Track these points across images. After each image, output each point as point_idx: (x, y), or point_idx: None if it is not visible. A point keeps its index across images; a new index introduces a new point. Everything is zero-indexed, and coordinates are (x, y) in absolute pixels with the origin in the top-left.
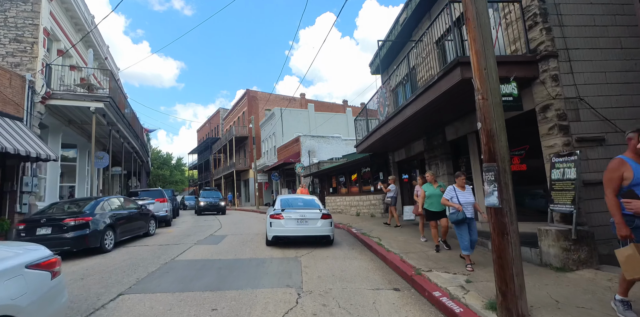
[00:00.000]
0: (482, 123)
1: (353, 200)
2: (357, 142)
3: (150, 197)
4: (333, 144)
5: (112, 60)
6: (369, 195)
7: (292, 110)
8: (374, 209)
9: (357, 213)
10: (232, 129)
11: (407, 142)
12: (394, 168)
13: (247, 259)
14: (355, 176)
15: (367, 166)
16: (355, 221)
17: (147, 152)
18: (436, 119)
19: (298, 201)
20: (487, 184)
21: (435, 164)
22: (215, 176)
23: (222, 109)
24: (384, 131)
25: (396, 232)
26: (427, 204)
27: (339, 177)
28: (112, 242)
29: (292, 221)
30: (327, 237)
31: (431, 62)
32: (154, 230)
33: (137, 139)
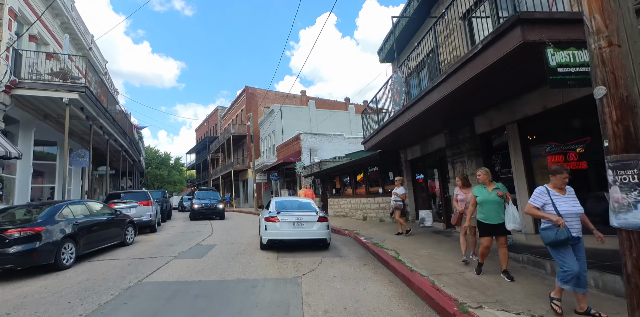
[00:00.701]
0: (611, 87)
1: (359, 203)
2: (365, 138)
3: (135, 200)
4: (335, 143)
5: (97, 52)
6: (377, 197)
7: (292, 107)
8: (383, 213)
9: (363, 217)
10: (230, 127)
11: (424, 137)
12: (406, 167)
13: (234, 280)
14: (362, 176)
15: (374, 165)
16: (362, 226)
17: (139, 150)
18: (464, 108)
19: (293, 203)
20: (621, 190)
21: (460, 162)
22: (213, 176)
23: (220, 107)
24: (400, 123)
25: (415, 242)
26: (482, 215)
27: (343, 178)
28: (73, 256)
29: (288, 224)
30: (324, 241)
31: (456, 41)
32: (132, 238)
33: (125, 136)
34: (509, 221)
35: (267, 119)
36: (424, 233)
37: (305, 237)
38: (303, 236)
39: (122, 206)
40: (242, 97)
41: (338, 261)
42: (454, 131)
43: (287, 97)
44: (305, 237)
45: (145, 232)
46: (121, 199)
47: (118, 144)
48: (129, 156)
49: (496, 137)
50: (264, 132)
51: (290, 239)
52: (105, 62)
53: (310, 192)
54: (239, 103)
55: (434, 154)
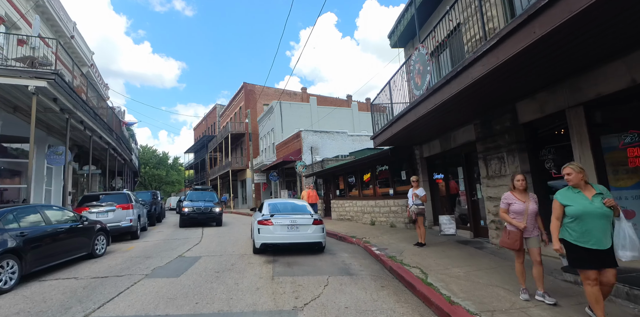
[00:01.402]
0: None
1: (366, 205)
2: (375, 132)
3: (114, 202)
4: (338, 141)
5: (82, 41)
6: (387, 199)
7: (293, 103)
8: (394, 218)
9: (371, 222)
10: (228, 126)
11: (446, 130)
12: (421, 165)
13: (213, 314)
14: (369, 176)
15: (384, 163)
16: (371, 233)
17: (130, 149)
18: (508, 89)
19: (287, 205)
20: None
21: (497, 158)
22: (210, 176)
23: (218, 105)
24: (421, 111)
25: (442, 256)
26: (576, 234)
27: (348, 178)
28: (16, 276)
29: (282, 227)
30: (319, 244)
31: (492, 10)
32: (103, 249)
33: (112, 133)
34: (625, 246)
35: (266, 116)
36: (447, 243)
37: (300, 240)
38: (298, 239)
39: (97, 209)
40: (240, 94)
41: (348, 282)
42: (487, 121)
43: (287, 94)
44: (300, 241)
45: (126, 239)
46: (99, 201)
47: (104, 141)
48: (118, 155)
49: (549, 126)
50: (262, 130)
51: (284, 243)
52: (92, 54)
53: (313, 194)
54: (237, 100)
55: (458, 150)
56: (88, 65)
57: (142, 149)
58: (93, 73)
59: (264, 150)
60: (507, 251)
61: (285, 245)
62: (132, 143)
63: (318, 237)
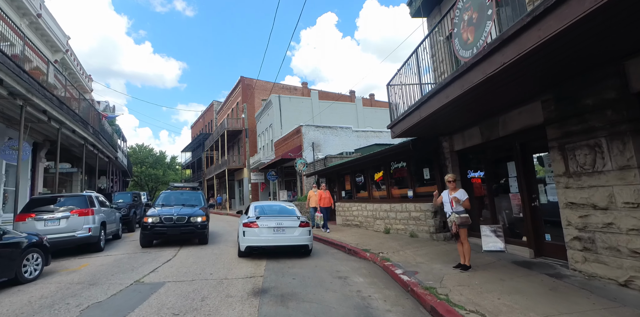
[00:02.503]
0: None
1: (379, 209)
2: (393, 120)
3: (72, 207)
4: (342, 137)
5: (52, 22)
6: (405, 203)
7: (293, 98)
8: (415, 226)
9: (386, 229)
10: (225, 122)
11: (490, 114)
12: (451, 161)
13: None
14: (381, 175)
15: (401, 158)
16: (389, 245)
17: (115, 145)
18: (615, 39)
19: (274, 208)
20: None
21: (587, 147)
22: (207, 175)
23: (215, 102)
24: (475, 79)
25: (507, 291)
26: None
27: (356, 177)
28: None
29: (268, 230)
30: (305, 247)
31: None
32: (36, 271)
33: (87, 127)
34: None
35: (264, 112)
36: (501, 266)
37: (286, 243)
38: (283, 242)
39: (47, 216)
40: (237, 89)
41: None
42: (568, 94)
43: (287, 89)
44: (286, 244)
45: (86, 252)
46: (58, 204)
47: (79, 136)
48: (100, 152)
49: None
50: (260, 127)
51: (270, 246)
52: (67, 38)
53: (327, 195)
54: (235, 96)
55: (510, 139)
56: (62, 50)
57: (138, 148)
58: (70, 60)
59: (262, 148)
60: (607, 284)
61: (271, 248)
62: (119, 139)
63: (304, 239)
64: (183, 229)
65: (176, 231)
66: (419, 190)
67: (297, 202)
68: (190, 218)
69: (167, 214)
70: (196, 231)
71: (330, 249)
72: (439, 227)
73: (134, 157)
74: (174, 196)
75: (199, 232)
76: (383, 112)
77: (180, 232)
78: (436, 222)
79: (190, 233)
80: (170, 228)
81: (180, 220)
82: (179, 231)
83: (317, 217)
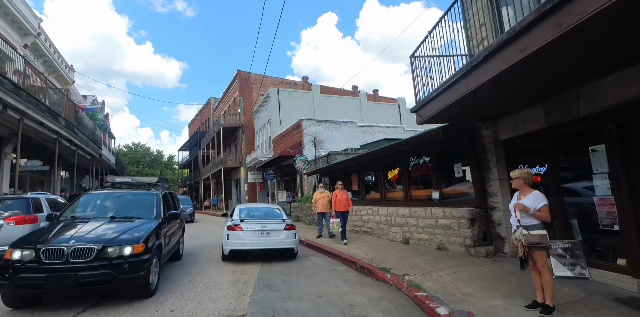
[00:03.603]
0: None
1: (395, 214)
2: (421, 101)
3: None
4: (346, 132)
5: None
6: (430, 207)
7: (292, 91)
8: (444, 236)
9: (404, 239)
10: (221, 119)
11: (567, 83)
12: (494, 153)
13: None
14: (397, 173)
15: (424, 152)
16: (413, 261)
17: (97, 141)
18: None
19: (259, 210)
20: None
21: None
22: (203, 175)
23: (213, 99)
24: (578, 14)
25: None
26: None
27: (365, 175)
28: None
29: (252, 233)
30: (291, 250)
31: None
32: None
33: (57, 118)
34: None
35: (262, 107)
36: (597, 304)
37: (271, 246)
38: (268, 245)
39: None
40: (234, 83)
41: None
42: None
43: (286, 84)
44: (271, 247)
45: None
46: None
47: (49, 129)
48: (79, 148)
49: None
50: (258, 123)
51: (254, 249)
52: (39, 21)
53: (344, 197)
54: (232, 91)
55: (595, 120)
56: (33, 34)
57: (134, 147)
58: (45, 46)
59: (259, 145)
60: None
61: (255, 251)
62: (105, 135)
63: (290, 242)
64: (84, 276)
65: (67, 281)
66: (446, 191)
67: (297, 203)
68: (106, 249)
69: (55, 244)
70: (115, 277)
71: (337, 264)
72: (478, 239)
73: (129, 157)
74: (104, 201)
75: (122, 279)
76: (389, 107)
77: (77, 283)
78: (474, 233)
79: (100, 283)
80: (54, 275)
81: (79, 255)
82: (72, 280)
83: (333, 224)
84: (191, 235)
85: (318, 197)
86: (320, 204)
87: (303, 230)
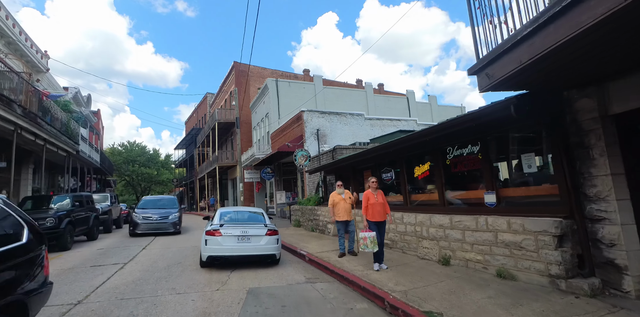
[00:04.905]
0: None
1: (427, 223)
2: (490, 53)
3: None
4: (352, 125)
5: None
6: (484, 214)
7: (293, 83)
8: (512, 259)
9: (443, 258)
10: (216, 113)
11: None
12: (601, 137)
13: None
14: (427, 168)
15: (472, 137)
16: (468, 297)
17: (73, 136)
18: None
19: (242, 214)
20: None
21: None
22: (199, 174)
23: (209, 94)
24: None
25: None
26: None
27: (382, 172)
28: None
29: (232, 238)
30: (273, 257)
31: None
32: None
33: (10, 105)
34: None
35: (259, 100)
36: None
37: (251, 253)
38: (248, 251)
39: None
40: (230, 76)
41: None
42: None
43: (286, 76)
44: (251, 253)
45: None
46: None
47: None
48: (48, 143)
49: None
50: (256, 118)
51: (233, 256)
52: None
53: (381, 199)
54: (228, 85)
55: None
56: None
57: (129, 145)
58: (7, 26)
59: (257, 142)
60: None
61: (235, 258)
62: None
63: (271, 248)
64: None
65: None
66: (508, 193)
67: (298, 206)
68: None
69: None
70: None
71: (355, 298)
72: (571, 267)
73: (124, 155)
74: None
75: None
76: (397, 100)
77: None
78: (564, 257)
79: None
80: None
81: None
82: None
83: (365, 241)
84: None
85: (337, 200)
86: (341, 209)
87: (305, 239)
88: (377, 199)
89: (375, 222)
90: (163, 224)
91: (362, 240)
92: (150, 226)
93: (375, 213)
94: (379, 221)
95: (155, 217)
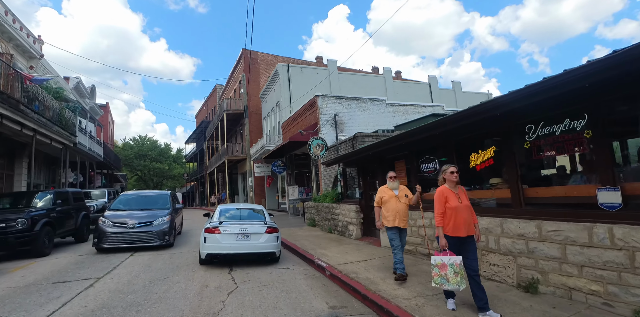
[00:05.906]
0: None
1: (496, 230)
2: None
3: None
4: (373, 112)
5: None
6: (601, 221)
7: (305, 68)
8: None
9: (526, 282)
10: (224, 104)
11: None
12: None
13: None
14: (490, 155)
15: (574, 109)
16: None
17: (71, 127)
18: None
19: (242, 212)
20: None
21: None
22: (209, 168)
23: (219, 86)
24: None
25: None
26: None
27: (421, 162)
28: None
29: (231, 236)
30: (272, 254)
31: None
32: None
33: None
34: None
35: (269, 88)
36: None
37: (250, 250)
38: (247, 249)
39: None
40: (239, 65)
41: None
42: None
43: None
44: (250, 251)
45: None
46: None
47: None
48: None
49: None
50: (266, 108)
51: (232, 253)
52: None
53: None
54: (237, 74)
55: None
56: None
57: (140, 140)
58: None
59: (267, 133)
60: None
61: (234, 255)
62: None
63: (271, 246)
64: None
65: None
66: None
67: (313, 202)
68: None
69: None
70: None
71: None
72: None
73: (135, 150)
74: None
75: None
76: (418, 87)
77: None
78: None
79: None
80: None
81: None
82: None
83: (444, 270)
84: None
85: (388, 197)
86: (393, 209)
87: (322, 244)
88: (460, 201)
89: (459, 239)
90: (143, 234)
91: (438, 269)
92: (123, 237)
93: (460, 223)
94: (463, 237)
95: (131, 223)
